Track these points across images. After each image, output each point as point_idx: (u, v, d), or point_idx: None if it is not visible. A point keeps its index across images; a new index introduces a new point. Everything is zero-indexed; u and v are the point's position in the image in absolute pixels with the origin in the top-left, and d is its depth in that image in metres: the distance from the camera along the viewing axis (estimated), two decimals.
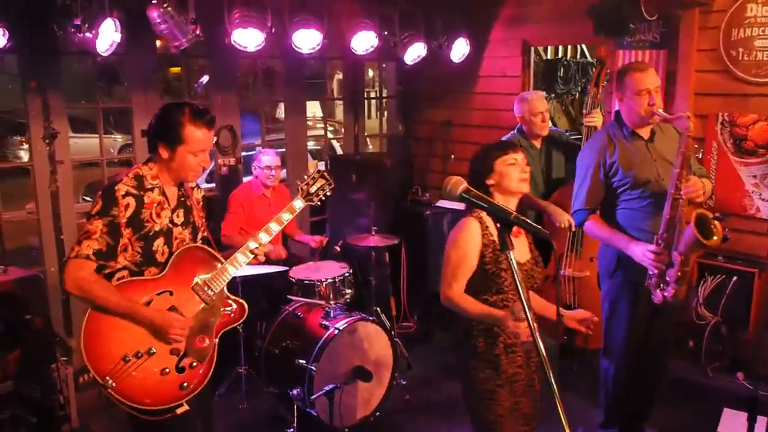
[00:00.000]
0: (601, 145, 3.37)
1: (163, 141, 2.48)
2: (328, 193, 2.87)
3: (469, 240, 2.48)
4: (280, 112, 11.30)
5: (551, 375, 1.63)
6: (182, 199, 2.62)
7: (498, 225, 1.75)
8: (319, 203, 2.86)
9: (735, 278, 4.44)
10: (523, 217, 1.72)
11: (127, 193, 2.42)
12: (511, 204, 2.56)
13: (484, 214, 2.51)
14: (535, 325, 1.72)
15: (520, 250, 2.57)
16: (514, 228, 2.35)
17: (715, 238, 2.93)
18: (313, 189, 2.83)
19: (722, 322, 4.56)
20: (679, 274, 3.04)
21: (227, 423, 4.10)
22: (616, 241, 3.29)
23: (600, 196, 3.37)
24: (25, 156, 12.11)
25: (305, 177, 2.85)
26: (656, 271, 3.13)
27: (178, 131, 2.46)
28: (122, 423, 3.54)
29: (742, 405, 2.88)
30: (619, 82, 3.36)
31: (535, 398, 2.64)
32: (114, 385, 2.34)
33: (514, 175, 2.52)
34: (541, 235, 1.68)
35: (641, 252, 3.14)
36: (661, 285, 3.14)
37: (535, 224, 1.73)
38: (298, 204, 2.76)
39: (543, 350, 1.69)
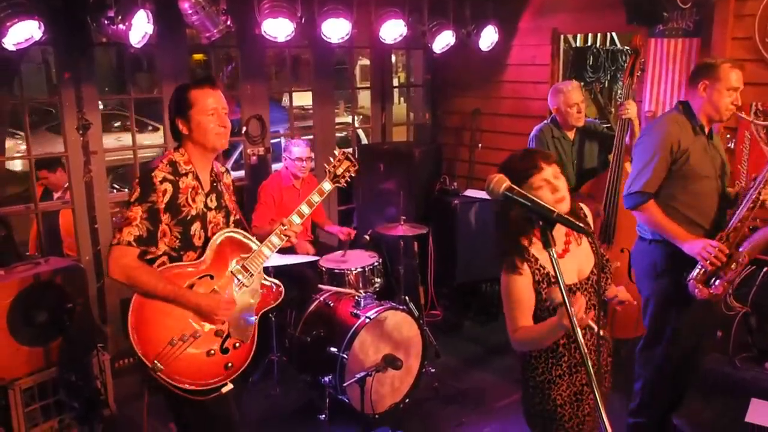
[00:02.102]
0: (675, 130, 3.26)
1: (177, 116, 2.55)
2: (353, 174, 2.96)
3: (520, 286, 2.26)
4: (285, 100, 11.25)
5: (591, 370, 1.66)
6: (214, 183, 2.67)
7: (541, 223, 1.77)
8: (345, 184, 2.96)
9: (765, 269, 4.40)
10: (566, 215, 1.73)
11: (164, 179, 2.47)
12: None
13: (534, 250, 2.27)
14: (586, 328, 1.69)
15: (575, 262, 2.36)
16: (561, 244, 2.30)
17: None
18: (339, 171, 2.91)
19: (751, 313, 4.54)
20: (738, 272, 3.07)
21: (261, 409, 4.18)
22: (672, 232, 3.19)
23: (661, 182, 3.26)
24: (49, 145, 12.27)
25: (331, 159, 2.92)
26: (711, 268, 3.09)
27: (184, 99, 2.54)
28: (157, 406, 3.64)
29: None
30: (709, 71, 3.26)
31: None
32: (162, 368, 2.42)
33: (547, 197, 2.15)
34: (584, 232, 1.69)
35: (701, 246, 3.08)
36: (711, 281, 3.12)
37: (577, 222, 1.75)
38: (327, 186, 2.85)
39: (584, 346, 1.71)
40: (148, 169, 2.50)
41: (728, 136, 4.42)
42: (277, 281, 2.78)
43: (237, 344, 2.61)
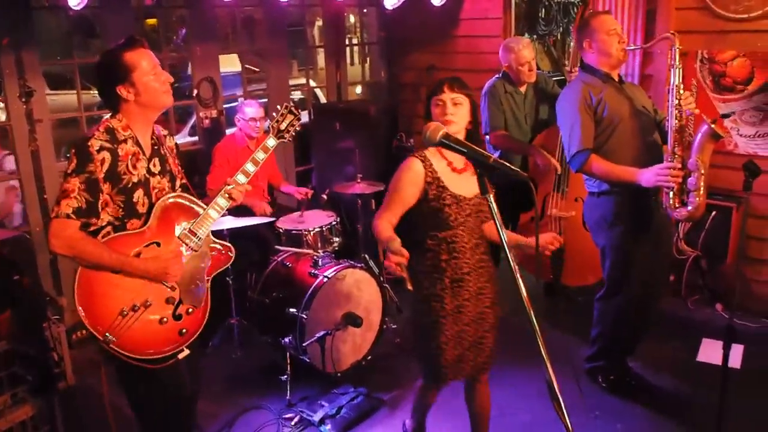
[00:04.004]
0: (580, 87, 3.39)
1: (118, 83, 2.44)
2: (298, 128, 2.88)
3: (408, 180, 2.63)
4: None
5: (531, 313, 1.68)
6: (155, 147, 2.59)
7: (477, 169, 1.77)
8: (290, 139, 2.88)
9: (714, 213, 4.53)
10: (502, 161, 1.74)
11: (101, 148, 2.38)
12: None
13: (428, 153, 2.67)
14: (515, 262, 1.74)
15: (468, 184, 2.66)
16: (461, 164, 2.70)
17: (722, 134, 3.14)
18: (283, 126, 2.82)
19: (702, 256, 4.67)
20: (700, 180, 3.14)
21: (222, 373, 4.18)
22: (624, 173, 3.28)
23: (593, 134, 3.35)
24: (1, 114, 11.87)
25: (274, 115, 2.84)
26: (675, 186, 3.17)
27: (122, 64, 2.42)
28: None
29: (720, 335, 2.98)
30: (585, 29, 3.43)
31: (486, 330, 2.79)
32: (114, 339, 2.38)
33: (438, 115, 2.64)
34: (520, 178, 1.70)
35: (654, 173, 3.17)
36: (683, 198, 3.21)
37: (512, 167, 1.76)
38: (271, 142, 2.77)
39: (524, 289, 1.73)
40: (83, 138, 2.41)
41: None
42: (227, 243, 2.74)
43: (190, 310, 2.57)
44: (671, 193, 3.21)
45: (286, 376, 3.85)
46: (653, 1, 4.54)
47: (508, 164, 1.74)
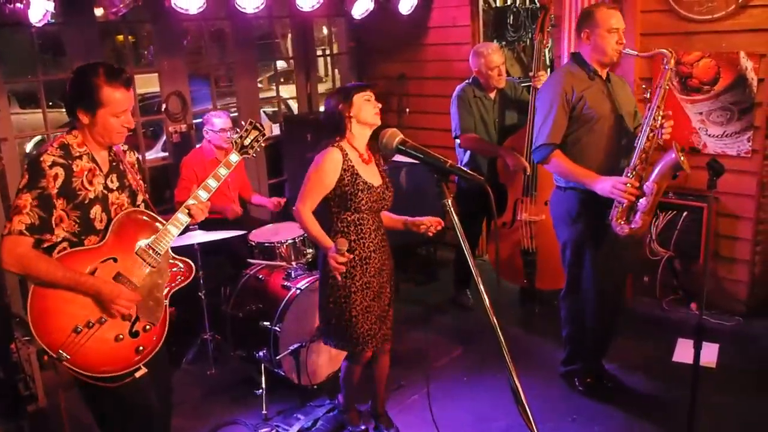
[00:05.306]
0: (564, 80, 3.35)
1: (81, 106, 2.40)
2: (263, 144, 2.91)
3: (329, 168, 2.96)
4: None
5: (496, 323, 1.67)
6: (114, 163, 2.56)
7: (436, 175, 1.76)
8: (254, 155, 2.89)
9: (685, 213, 4.57)
10: (458, 166, 1.74)
11: (54, 163, 2.35)
12: (365, 133, 3.08)
13: (343, 144, 3.01)
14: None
15: (374, 174, 3.09)
16: (366, 155, 3.07)
17: (686, 168, 3.13)
18: (247, 141, 2.82)
19: (675, 256, 4.70)
20: (652, 203, 3.13)
21: (197, 389, 4.11)
22: (582, 176, 3.28)
23: (563, 131, 3.34)
24: None
25: (237, 130, 2.84)
26: (626, 203, 3.17)
27: (95, 95, 2.37)
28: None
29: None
30: (587, 19, 3.35)
31: (387, 304, 3.28)
32: (68, 357, 2.33)
33: (369, 109, 3.00)
34: (478, 183, 1.69)
35: (611, 185, 3.16)
36: (630, 216, 3.20)
37: (469, 171, 1.75)
38: (234, 158, 2.76)
39: (486, 298, 1.72)
40: (36, 154, 2.38)
41: (644, 86, 4.51)
42: (187, 260, 2.69)
43: (147, 326, 2.53)
44: (620, 208, 3.21)
45: (261, 390, 3.80)
46: (619, 4, 4.57)
47: (464, 169, 1.73)
